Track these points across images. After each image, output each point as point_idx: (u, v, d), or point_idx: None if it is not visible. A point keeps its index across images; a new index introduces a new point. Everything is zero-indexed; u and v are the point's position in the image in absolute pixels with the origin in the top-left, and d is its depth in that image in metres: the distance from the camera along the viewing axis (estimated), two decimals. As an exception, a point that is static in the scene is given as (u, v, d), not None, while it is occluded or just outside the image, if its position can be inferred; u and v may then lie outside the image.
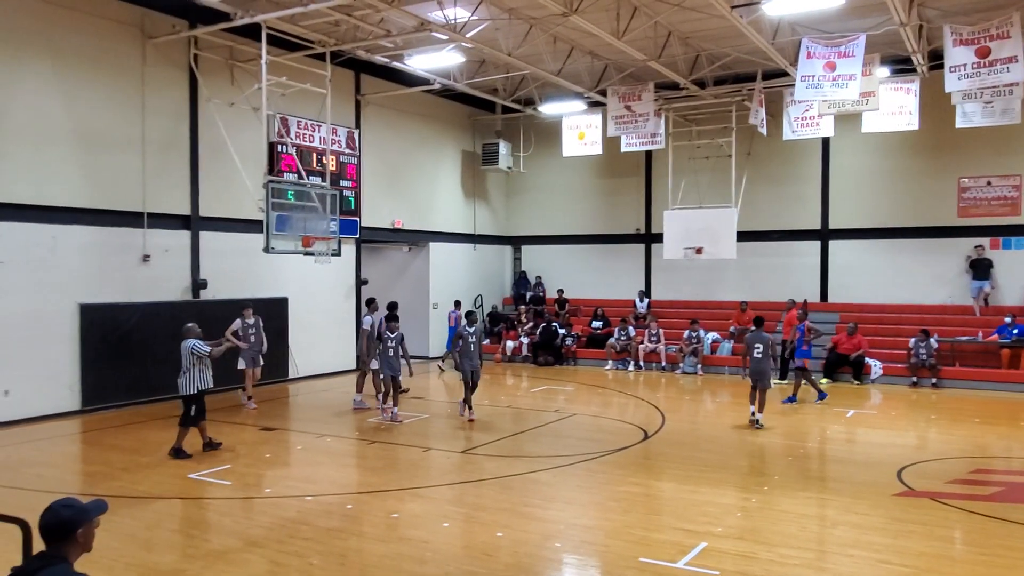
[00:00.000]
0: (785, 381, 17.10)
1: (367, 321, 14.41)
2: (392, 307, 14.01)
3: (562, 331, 21.66)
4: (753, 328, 13.58)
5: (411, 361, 13.98)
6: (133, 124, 14.68)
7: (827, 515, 8.39)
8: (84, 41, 13.91)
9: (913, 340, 17.67)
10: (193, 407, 10.73)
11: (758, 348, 12.99)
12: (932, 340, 17.55)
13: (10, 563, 3.32)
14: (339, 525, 7.94)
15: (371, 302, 15.05)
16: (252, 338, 14.35)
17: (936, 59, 16.07)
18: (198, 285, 15.83)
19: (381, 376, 13.32)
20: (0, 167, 12.77)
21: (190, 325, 11.05)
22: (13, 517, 4.39)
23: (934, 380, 17.39)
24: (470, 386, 13.36)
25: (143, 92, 14.81)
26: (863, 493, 8.95)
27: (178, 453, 10.61)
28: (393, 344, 13.14)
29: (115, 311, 14.35)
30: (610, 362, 20.53)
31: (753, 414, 12.93)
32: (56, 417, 13.39)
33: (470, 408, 13.36)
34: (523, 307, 23.36)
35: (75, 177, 13.86)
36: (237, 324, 14.19)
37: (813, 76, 14.06)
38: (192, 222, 15.77)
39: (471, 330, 13.41)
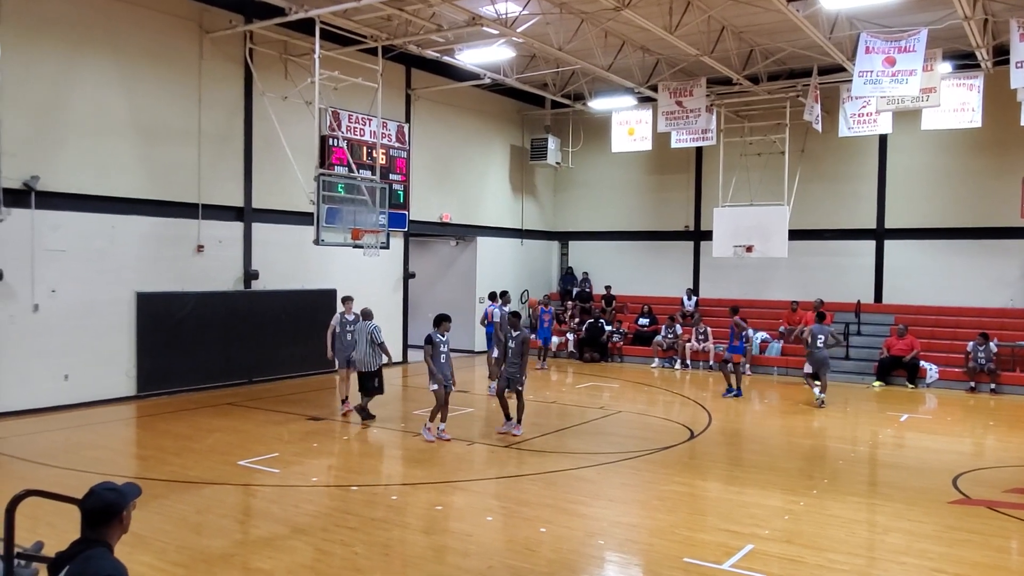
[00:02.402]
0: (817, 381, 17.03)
1: (501, 314, 15.63)
2: (499, 298, 15.54)
3: (608, 328, 21.55)
4: (816, 322, 15.13)
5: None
6: (190, 117, 15.00)
7: (878, 521, 8.19)
8: (144, 36, 14.24)
9: (971, 344, 17.15)
10: (377, 379, 12.47)
11: (821, 339, 14.56)
12: (991, 344, 17.02)
13: (69, 542, 3.41)
14: (383, 515, 8.01)
15: (504, 294, 16.61)
16: (349, 336, 12.98)
17: (1001, 54, 15.55)
18: (250, 276, 16.12)
19: (434, 388, 11.24)
20: (63, 158, 13.17)
21: (368, 310, 12.83)
22: (70, 497, 4.52)
23: (993, 385, 16.87)
24: (507, 399, 11.78)
25: (199, 86, 15.12)
26: (916, 499, 8.72)
27: (364, 412, 12.50)
28: (446, 349, 11.28)
29: (170, 300, 14.70)
30: (656, 360, 20.37)
31: (818, 395, 14.66)
32: (113, 402, 13.79)
33: (512, 420, 11.74)
34: (570, 303, 23.30)
35: (134, 168, 14.22)
36: (335, 320, 13.22)
37: (871, 71, 13.69)
38: (245, 214, 16.07)
39: (514, 335, 11.75)
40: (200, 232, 15.21)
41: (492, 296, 17.12)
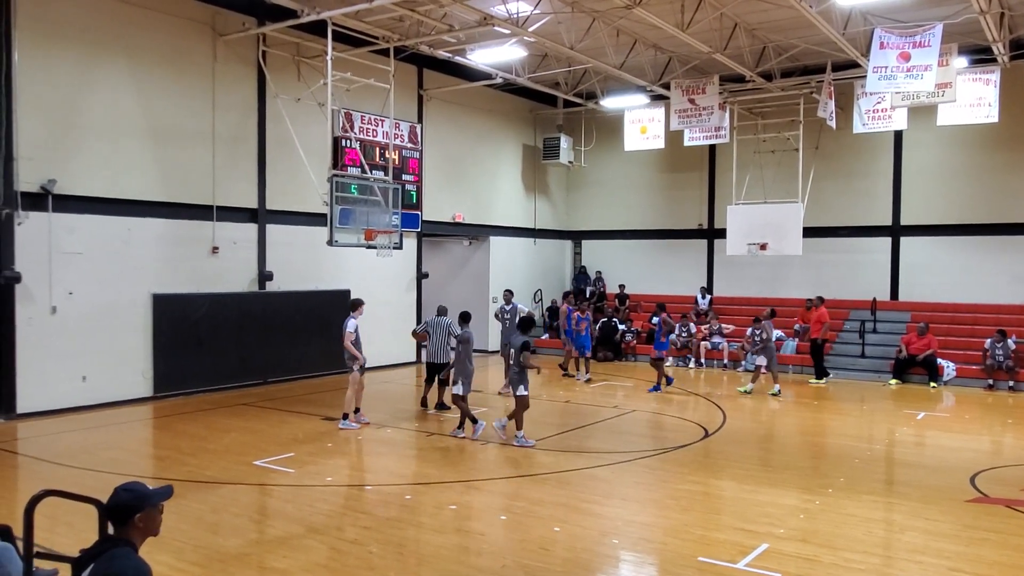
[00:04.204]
0: (823, 381, 17.21)
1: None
2: (519, 293, 17.60)
3: (622, 327, 21.51)
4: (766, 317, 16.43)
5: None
6: (204, 119, 15.10)
7: (895, 520, 8.14)
8: (158, 39, 14.34)
9: (989, 341, 17.00)
10: (445, 371, 13.14)
11: (776, 333, 16.01)
12: (1009, 341, 16.86)
13: (87, 541, 3.44)
14: (397, 515, 8.03)
15: (568, 295, 17.80)
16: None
17: (1018, 48, 15.43)
18: (264, 277, 16.20)
19: (527, 392, 11.11)
20: (79, 162, 13.29)
21: (444, 307, 13.87)
22: (88, 497, 4.57)
23: (1011, 383, 16.72)
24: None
25: (213, 88, 15.21)
26: (933, 498, 8.66)
27: (441, 406, 13.39)
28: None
29: (185, 301, 14.79)
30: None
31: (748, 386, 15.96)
32: (129, 403, 13.89)
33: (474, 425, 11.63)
34: (583, 302, 23.24)
35: (149, 171, 14.32)
36: (351, 325, 12.22)
37: (886, 67, 13.60)
38: (259, 215, 16.15)
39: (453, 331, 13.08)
40: (215, 234, 15.31)
41: (565, 296, 19.78)
